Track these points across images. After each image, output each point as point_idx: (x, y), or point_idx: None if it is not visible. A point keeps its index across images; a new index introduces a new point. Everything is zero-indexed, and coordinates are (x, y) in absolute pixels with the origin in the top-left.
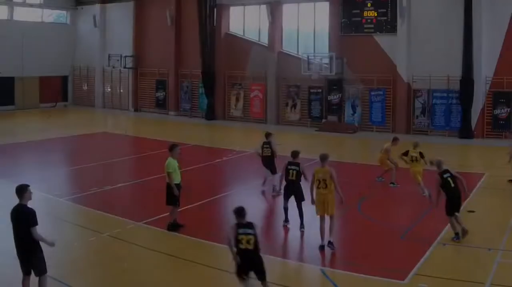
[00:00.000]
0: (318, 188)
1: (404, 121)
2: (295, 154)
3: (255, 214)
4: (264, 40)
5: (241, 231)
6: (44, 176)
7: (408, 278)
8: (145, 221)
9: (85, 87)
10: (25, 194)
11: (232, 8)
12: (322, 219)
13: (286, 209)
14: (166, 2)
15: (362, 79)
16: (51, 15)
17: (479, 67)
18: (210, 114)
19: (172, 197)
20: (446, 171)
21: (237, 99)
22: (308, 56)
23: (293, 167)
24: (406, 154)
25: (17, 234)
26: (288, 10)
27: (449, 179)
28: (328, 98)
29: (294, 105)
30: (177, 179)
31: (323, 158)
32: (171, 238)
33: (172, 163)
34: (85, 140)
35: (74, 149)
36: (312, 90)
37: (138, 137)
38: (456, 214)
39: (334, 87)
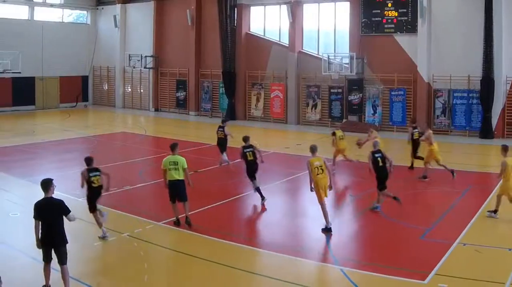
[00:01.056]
0: (317, 174)
1: (424, 122)
2: (246, 139)
3: (275, 213)
4: (285, 40)
5: (91, 174)
6: (64, 175)
7: (428, 278)
8: (165, 221)
9: (105, 87)
10: (51, 187)
11: (252, 8)
12: (324, 203)
13: (258, 189)
14: (186, 2)
15: (383, 79)
16: (71, 15)
17: (500, 67)
18: (231, 114)
19: (169, 192)
20: (378, 151)
21: (258, 99)
22: (328, 56)
23: (248, 149)
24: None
25: (48, 225)
26: (308, 10)
27: (379, 158)
28: (349, 98)
29: (315, 105)
30: (172, 176)
31: (315, 148)
32: (191, 238)
33: (165, 161)
34: (104, 140)
35: (93, 149)
36: (332, 90)
37: (158, 137)
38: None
39: (355, 87)
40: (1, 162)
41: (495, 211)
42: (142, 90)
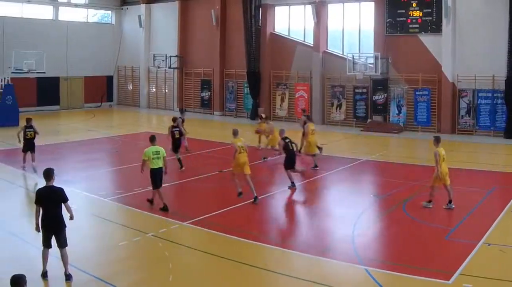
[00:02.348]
0: (239, 153)
1: (449, 122)
2: (174, 119)
3: (300, 213)
4: (309, 40)
5: (27, 130)
6: (89, 175)
7: (453, 278)
8: (189, 221)
9: (130, 88)
10: (53, 177)
11: (277, 8)
12: (245, 176)
13: (179, 160)
14: (211, 2)
15: (407, 79)
16: (96, 15)
17: None
18: (255, 115)
19: (151, 181)
20: (287, 137)
21: (282, 99)
22: (353, 56)
23: (175, 129)
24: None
25: (49, 211)
26: (333, 10)
27: (288, 143)
28: (373, 98)
29: (339, 105)
30: (153, 165)
31: (236, 132)
32: (216, 238)
33: (147, 152)
34: (128, 140)
35: (118, 149)
36: (357, 90)
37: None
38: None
39: (379, 87)
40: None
41: (430, 201)
42: (166, 90)
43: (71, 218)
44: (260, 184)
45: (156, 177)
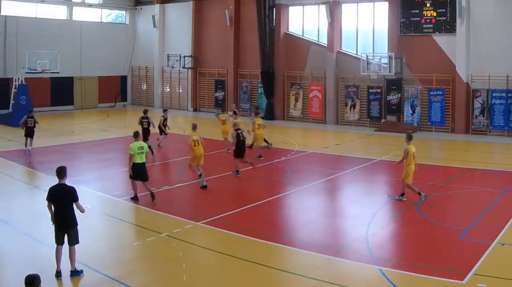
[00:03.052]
0: (194, 146)
1: (463, 122)
2: (145, 111)
3: (314, 213)
4: (323, 40)
5: (28, 119)
6: (102, 175)
7: (467, 278)
8: (203, 221)
9: (144, 87)
10: (65, 175)
11: (291, 8)
12: (198, 166)
13: (150, 147)
14: (225, 2)
15: (421, 79)
16: (110, 15)
17: None
18: (269, 114)
19: (132, 173)
20: (239, 129)
21: (296, 99)
22: (367, 56)
23: (145, 120)
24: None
25: (60, 209)
26: (347, 10)
27: (240, 133)
28: (387, 98)
29: (353, 105)
30: (137, 159)
31: (195, 126)
32: (230, 238)
33: (132, 147)
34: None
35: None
36: (371, 90)
37: None
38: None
39: (393, 87)
40: (40, 162)
41: (403, 194)
42: (180, 90)
43: (82, 211)
44: (274, 185)
45: (138, 171)
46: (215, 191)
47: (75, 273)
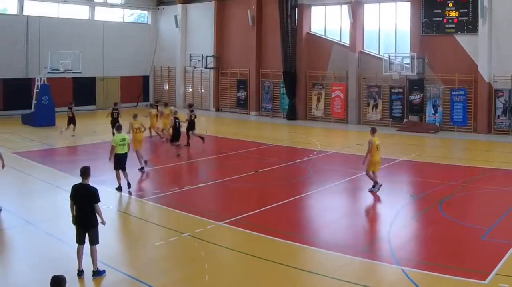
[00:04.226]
0: (136, 133)
1: (485, 122)
2: (115, 103)
3: (336, 213)
4: (345, 40)
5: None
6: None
7: (489, 278)
8: (226, 221)
9: (166, 87)
10: (89, 175)
11: (313, 8)
12: (138, 151)
13: (114, 134)
14: (247, 2)
15: (443, 79)
16: (132, 15)
17: None
18: (291, 115)
19: (114, 163)
20: (177, 118)
21: (318, 99)
22: (389, 56)
23: (116, 111)
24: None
25: (82, 208)
26: (369, 10)
27: (177, 122)
28: (409, 98)
29: (375, 105)
30: (119, 150)
31: (136, 115)
32: (252, 238)
33: (115, 139)
34: (165, 140)
35: (154, 149)
36: (393, 90)
37: (219, 137)
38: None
39: (415, 87)
40: (62, 162)
41: (374, 185)
42: (202, 90)
43: (103, 223)
44: (296, 185)
45: (121, 160)
46: (237, 191)
47: (97, 273)
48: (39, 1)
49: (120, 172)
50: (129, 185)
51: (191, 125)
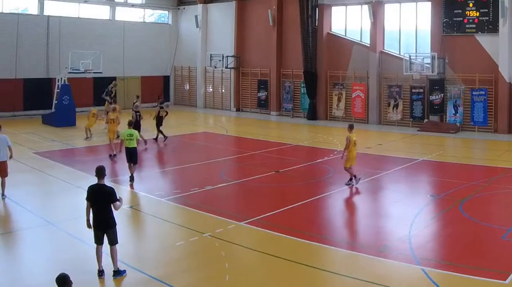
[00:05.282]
0: (111, 123)
1: (506, 121)
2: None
3: (356, 212)
4: (366, 40)
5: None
6: (145, 175)
7: (510, 278)
8: (246, 221)
9: (187, 88)
10: (105, 175)
11: (333, 8)
12: (112, 140)
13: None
14: (267, 2)
15: (464, 79)
16: (152, 15)
17: None
18: (312, 114)
19: (126, 157)
20: (138, 111)
21: (339, 99)
22: (410, 56)
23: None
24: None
25: (99, 209)
26: (389, 10)
27: (138, 115)
28: (430, 98)
29: (396, 105)
30: (126, 144)
31: (115, 108)
32: (273, 238)
33: (123, 133)
34: (186, 140)
35: (175, 149)
36: (413, 90)
37: (240, 137)
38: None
39: (436, 87)
40: (82, 162)
41: (351, 179)
42: (223, 90)
43: (116, 208)
44: (317, 185)
45: (128, 154)
46: (257, 191)
47: (118, 273)
48: (60, 1)
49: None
50: (132, 178)
51: (158, 120)
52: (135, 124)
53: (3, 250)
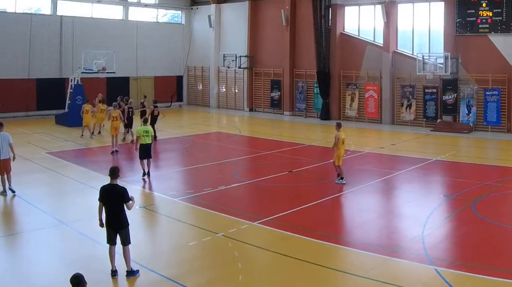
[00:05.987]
0: (113, 120)
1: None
2: (155, 101)
3: (369, 212)
4: (379, 40)
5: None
6: (158, 175)
7: None
8: (259, 221)
9: (200, 88)
10: (118, 175)
11: (346, 8)
12: (115, 137)
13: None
14: (281, 2)
15: (477, 79)
16: (166, 15)
17: None
18: (325, 114)
19: (139, 153)
20: (131, 107)
21: (352, 99)
22: (423, 56)
23: (156, 108)
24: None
25: (111, 209)
26: (402, 10)
27: (130, 111)
28: (443, 98)
29: (409, 105)
30: (143, 141)
31: (116, 105)
32: (286, 238)
33: (139, 130)
34: (199, 140)
35: (188, 149)
36: (427, 90)
37: (253, 137)
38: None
39: (449, 87)
40: (94, 162)
41: (342, 178)
42: (236, 90)
43: (129, 208)
44: (330, 185)
45: (143, 151)
46: (270, 191)
47: (131, 273)
48: (73, 1)
49: (145, 161)
50: (148, 174)
51: (153, 119)
52: (128, 120)
53: (17, 250)
